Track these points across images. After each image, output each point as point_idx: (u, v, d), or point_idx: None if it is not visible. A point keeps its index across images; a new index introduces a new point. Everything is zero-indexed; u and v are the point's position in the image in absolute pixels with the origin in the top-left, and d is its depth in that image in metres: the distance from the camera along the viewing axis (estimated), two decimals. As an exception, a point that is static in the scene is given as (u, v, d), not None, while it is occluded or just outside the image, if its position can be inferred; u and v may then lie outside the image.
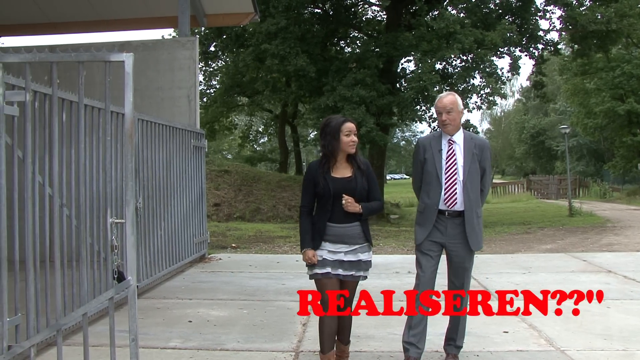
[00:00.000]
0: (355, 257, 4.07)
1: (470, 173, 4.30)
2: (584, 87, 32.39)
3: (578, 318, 5.81)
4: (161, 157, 7.73)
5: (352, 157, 4.11)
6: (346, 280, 4.11)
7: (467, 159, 4.32)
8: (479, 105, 19.07)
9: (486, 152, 4.41)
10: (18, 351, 3.64)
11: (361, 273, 4.13)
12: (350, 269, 4.07)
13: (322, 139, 4.10)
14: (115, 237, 3.67)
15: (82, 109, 3.67)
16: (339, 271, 4.05)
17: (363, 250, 4.11)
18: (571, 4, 18.71)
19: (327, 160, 4.07)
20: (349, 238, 4.06)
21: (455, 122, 4.34)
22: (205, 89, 27.56)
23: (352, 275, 4.09)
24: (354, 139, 4.06)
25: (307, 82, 19.61)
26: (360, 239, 4.10)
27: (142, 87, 9.85)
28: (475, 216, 4.33)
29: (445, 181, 4.31)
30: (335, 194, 4.01)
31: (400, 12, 19.97)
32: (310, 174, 4.11)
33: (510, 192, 38.78)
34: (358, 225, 4.10)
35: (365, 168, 4.15)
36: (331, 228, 4.06)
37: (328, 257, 4.05)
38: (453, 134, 4.37)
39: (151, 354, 4.77)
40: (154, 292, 7.31)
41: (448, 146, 4.36)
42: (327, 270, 4.03)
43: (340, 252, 4.05)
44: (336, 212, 4.04)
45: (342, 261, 4.05)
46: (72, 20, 11.68)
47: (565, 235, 14.40)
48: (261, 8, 16.67)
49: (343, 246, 4.06)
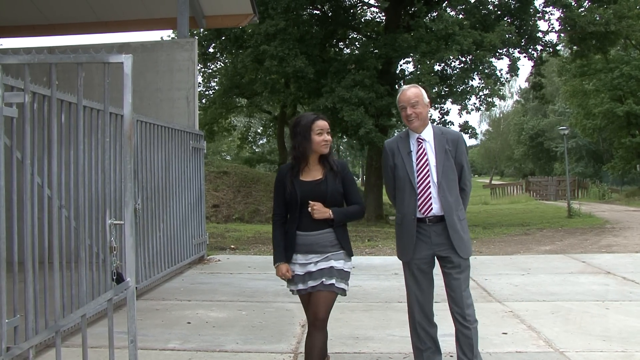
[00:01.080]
0: (326, 265, 3.65)
1: (444, 172, 3.85)
2: (583, 88, 32.43)
3: (577, 319, 5.81)
4: (160, 159, 7.73)
5: (325, 158, 3.74)
6: (317, 292, 3.64)
7: (440, 157, 3.87)
8: (478, 107, 19.07)
9: (461, 146, 3.94)
10: (17, 353, 3.64)
11: (332, 281, 3.61)
12: (320, 277, 3.63)
13: (292, 139, 3.74)
14: (114, 238, 3.67)
15: (81, 111, 3.67)
16: (308, 284, 3.67)
17: (337, 258, 3.67)
18: (570, 5, 18.72)
19: (298, 162, 3.71)
20: (320, 247, 3.66)
21: (422, 117, 3.88)
22: (204, 90, 27.58)
23: (321, 283, 3.62)
24: (326, 137, 3.69)
25: (306, 84, 19.61)
26: (334, 246, 3.68)
27: (141, 88, 9.85)
28: (457, 220, 3.86)
29: (418, 185, 3.87)
30: (303, 199, 3.65)
31: (399, 14, 19.98)
32: (280, 178, 3.77)
33: (509, 194, 38.88)
34: (330, 232, 3.68)
35: (341, 169, 3.76)
36: (300, 237, 3.69)
37: (299, 272, 3.70)
38: (421, 131, 3.92)
39: (150, 355, 4.77)
40: (153, 293, 7.31)
41: (417, 145, 3.92)
42: (299, 287, 3.72)
43: (310, 263, 3.66)
44: (304, 219, 3.67)
45: (311, 272, 3.66)
46: (71, 21, 11.68)
47: (564, 236, 14.41)
48: (260, 9, 16.69)
49: (314, 256, 3.67)
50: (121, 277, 3.58)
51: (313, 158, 3.72)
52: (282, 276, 3.73)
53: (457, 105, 18.46)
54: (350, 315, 6.09)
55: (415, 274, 3.94)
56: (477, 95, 18.59)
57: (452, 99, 18.42)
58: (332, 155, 3.81)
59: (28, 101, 3.67)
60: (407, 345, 4.99)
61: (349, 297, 6.88)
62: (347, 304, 6.57)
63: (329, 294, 3.63)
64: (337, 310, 6.23)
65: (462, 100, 18.12)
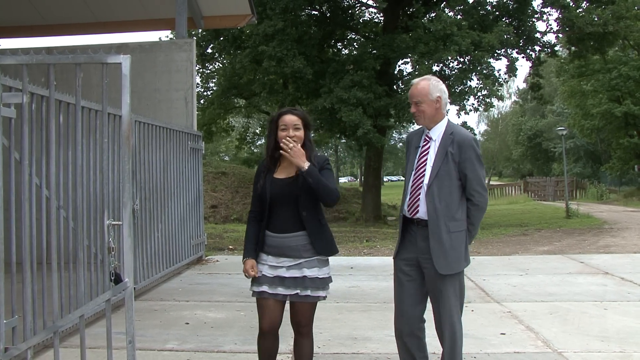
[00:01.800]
0: (299, 273, 3.42)
1: (439, 176, 3.52)
2: (581, 88, 32.45)
3: (575, 320, 5.82)
4: (158, 159, 7.73)
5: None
6: (295, 302, 3.48)
7: (438, 159, 3.55)
8: (476, 107, 19.10)
9: (467, 152, 3.53)
10: (15, 353, 3.63)
11: (307, 292, 3.42)
12: (294, 286, 3.42)
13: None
14: (112, 239, 3.67)
15: (79, 111, 3.67)
16: (278, 289, 3.43)
17: (310, 266, 3.42)
18: (568, 6, 18.74)
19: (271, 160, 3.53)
20: (292, 250, 3.43)
21: (427, 114, 3.60)
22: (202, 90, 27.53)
23: (296, 294, 3.43)
24: (291, 134, 3.42)
25: (304, 84, 19.62)
26: (307, 251, 3.43)
27: (139, 89, 9.83)
28: (445, 230, 3.49)
29: (412, 184, 3.65)
30: (273, 198, 3.44)
31: (398, 14, 20.01)
32: (257, 174, 3.58)
33: (507, 194, 38.89)
34: (303, 235, 3.43)
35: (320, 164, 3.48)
36: (270, 238, 3.47)
37: (267, 273, 3.46)
38: (431, 128, 3.64)
39: (148, 355, 4.76)
40: (151, 294, 7.30)
41: (424, 142, 3.68)
42: (263, 289, 3.46)
43: (281, 267, 3.44)
44: (274, 219, 3.46)
45: (283, 278, 3.43)
46: (69, 22, 11.67)
47: (563, 236, 14.42)
48: (258, 10, 16.67)
49: (286, 260, 3.43)
50: (119, 278, 3.57)
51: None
52: (245, 272, 3.49)
53: (455, 106, 18.50)
54: (348, 315, 6.09)
55: (398, 275, 3.70)
56: (475, 95, 18.62)
57: (450, 100, 18.36)
58: (314, 151, 3.53)
59: (26, 102, 3.67)
60: (405, 345, 5.00)
61: (347, 298, 6.91)
62: (346, 304, 6.57)
63: (308, 304, 3.49)
64: (336, 311, 6.24)
65: (460, 100, 18.14)
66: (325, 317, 5.98)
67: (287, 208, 3.45)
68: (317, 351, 4.85)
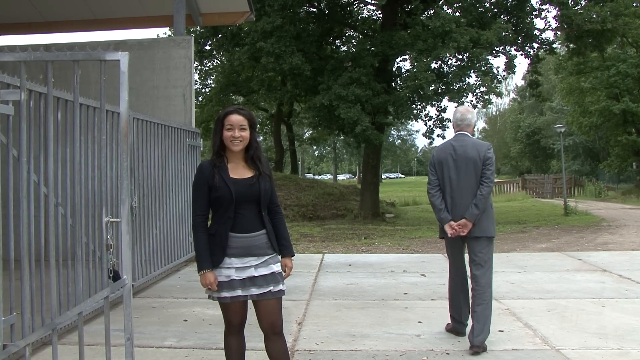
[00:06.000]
0: (267, 270, 3.42)
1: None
2: (580, 86, 32.45)
3: (573, 317, 5.83)
4: (156, 156, 7.72)
5: (249, 156, 3.47)
6: (266, 300, 3.44)
7: None
8: (475, 104, 19.07)
9: None
10: (13, 350, 3.64)
11: (280, 287, 3.45)
12: (266, 284, 3.40)
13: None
14: (111, 236, 3.67)
15: (77, 108, 3.66)
16: (251, 291, 3.39)
17: (275, 261, 3.47)
18: (566, 3, 18.72)
19: (218, 158, 3.44)
20: (258, 249, 3.42)
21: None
22: (201, 87, 27.58)
23: (270, 291, 3.41)
24: (236, 134, 3.37)
25: (303, 81, 19.60)
26: (269, 248, 3.45)
27: (138, 86, 9.83)
28: None
29: None
30: (238, 198, 3.36)
31: (396, 11, 19.97)
32: (203, 176, 3.40)
33: (505, 191, 38.89)
34: (265, 234, 3.45)
35: (268, 168, 3.55)
36: (236, 239, 3.39)
37: (236, 277, 3.38)
38: None
39: (146, 353, 4.77)
40: (149, 291, 7.31)
41: None
42: (237, 294, 3.39)
43: (249, 267, 3.39)
44: (239, 220, 3.39)
45: (254, 277, 3.39)
46: (68, 19, 11.65)
47: (561, 234, 14.44)
48: (256, 7, 16.66)
49: (252, 259, 3.40)
50: (117, 275, 3.57)
51: (235, 156, 3.45)
52: (207, 286, 3.38)
53: (453, 103, 18.47)
54: (346, 313, 6.09)
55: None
56: (473, 92, 18.58)
57: (448, 97, 18.43)
58: (261, 153, 3.53)
59: (24, 99, 3.67)
60: (403, 343, 5.01)
61: (346, 295, 6.92)
62: (344, 301, 6.57)
63: (277, 301, 3.48)
64: (334, 308, 6.25)
65: (458, 97, 18.12)
66: (323, 315, 5.99)
67: (250, 208, 3.43)
68: (315, 348, 4.86)
